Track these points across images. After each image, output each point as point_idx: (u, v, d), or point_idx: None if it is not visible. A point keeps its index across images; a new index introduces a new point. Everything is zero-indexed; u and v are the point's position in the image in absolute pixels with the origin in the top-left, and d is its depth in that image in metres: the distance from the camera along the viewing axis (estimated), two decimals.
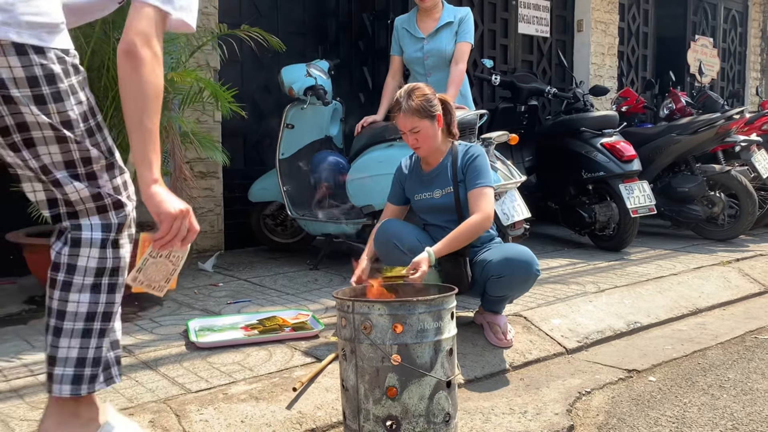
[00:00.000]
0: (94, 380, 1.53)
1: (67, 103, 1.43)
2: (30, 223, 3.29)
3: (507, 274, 2.49)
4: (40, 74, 1.38)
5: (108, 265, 1.53)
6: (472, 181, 2.59)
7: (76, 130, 1.45)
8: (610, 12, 6.79)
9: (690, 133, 4.88)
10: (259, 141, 4.81)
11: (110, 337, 1.57)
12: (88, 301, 1.51)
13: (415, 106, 2.52)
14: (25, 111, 1.38)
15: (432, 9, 3.74)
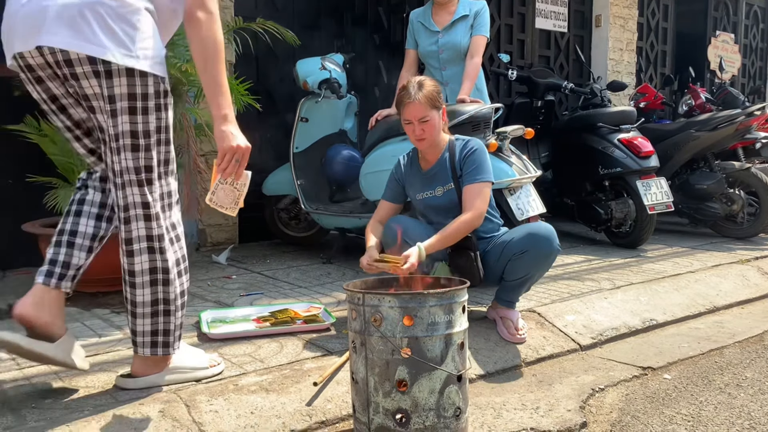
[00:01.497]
0: (168, 345, 1.98)
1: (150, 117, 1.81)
2: (46, 214, 3.31)
3: (531, 248, 2.47)
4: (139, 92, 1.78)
5: (158, 265, 1.90)
6: (469, 176, 2.56)
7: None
8: (629, 7, 6.71)
9: (709, 130, 4.81)
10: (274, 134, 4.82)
11: (177, 316, 1.98)
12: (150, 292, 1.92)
13: (428, 95, 2.50)
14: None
15: (447, 3, 3.70)
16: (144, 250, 1.88)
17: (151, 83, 1.79)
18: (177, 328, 1.99)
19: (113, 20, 1.73)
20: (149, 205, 1.86)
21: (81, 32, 1.71)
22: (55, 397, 1.94)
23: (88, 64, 1.74)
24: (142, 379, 1.99)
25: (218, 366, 2.16)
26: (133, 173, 1.85)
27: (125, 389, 1.99)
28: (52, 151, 3.14)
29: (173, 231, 1.95)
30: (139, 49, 1.75)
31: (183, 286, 2.00)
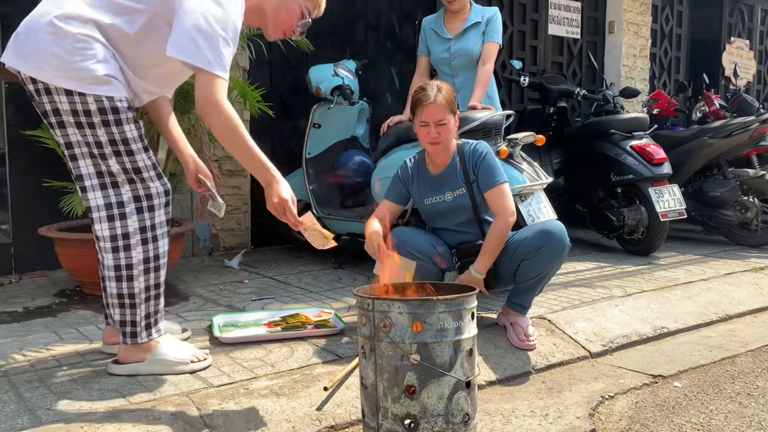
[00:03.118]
0: (135, 335, 2.14)
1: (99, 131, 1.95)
2: (62, 218, 3.36)
3: (546, 244, 2.48)
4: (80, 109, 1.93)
5: (122, 262, 2.05)
6: (487, 181, 2.57)
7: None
8: (642, 13, 6.69)
9: (723, 137, 4.79)
10: (286, 140, 4.85)
11: (141, 309, 2.11)
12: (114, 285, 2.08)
13: (447, 98, 2.52)
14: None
15: (460, 10, 3.72)
16: (109, 249, 2.05)
17: (91, 101, 1.92)
18: (142, 319, 2.13)
19: (53, 45, 1.89)
20: (118, 204, 2.03)
21: (24, 55, 1.93)
22: (70, 398, 1.97)
23: (31, 83, 1.95)
24: (125, 366, 2.16)
25: (202, 362, 2.24)
26: (95, 178, 2.02)
27: (111, 374, 2.16)
28: None
29: (151, 231, 2.08)
30: (73, 71, 1.89)
31: (150, 281, 2.11)
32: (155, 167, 2.08)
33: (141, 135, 2.04)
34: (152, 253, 2.10)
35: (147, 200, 2.07)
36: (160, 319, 2.21)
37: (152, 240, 2.09)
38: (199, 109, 1.95)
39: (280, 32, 2.24)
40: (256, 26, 2.25)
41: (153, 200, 2.08)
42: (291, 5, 2.18)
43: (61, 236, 3.19)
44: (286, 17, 2.20)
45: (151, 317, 2.16)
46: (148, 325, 2.16)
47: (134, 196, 2.05)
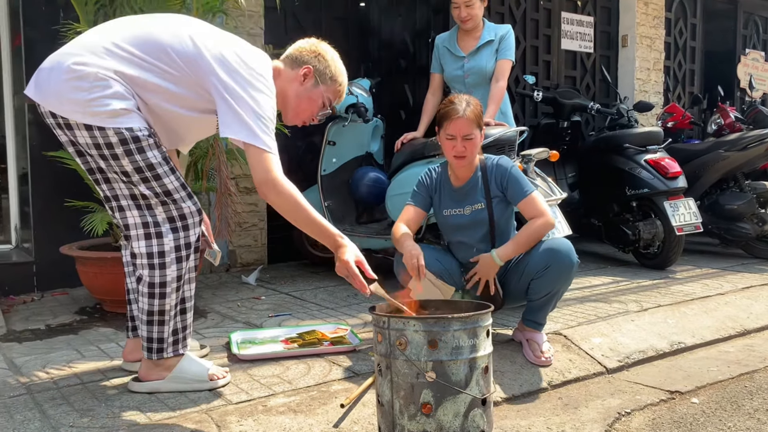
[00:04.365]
0: (161, 351, 2.19)
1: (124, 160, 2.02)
2: (83, 237, 3.42)
3: (552, 263, 2.49)
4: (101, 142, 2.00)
5: (156, 280, 2.11)
6: (518, 192, 2.59)
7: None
8: (655, 27, 6.70)
9: (739, 149, 4.77)
10: (302, 157, 4.91)
11: (170, 326, 2.16)
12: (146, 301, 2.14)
13: (476, 113, 2.55)
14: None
15: (473, 29, 3.76)
16: (146, 266, 2.10)
17: (111, 134, 1.97)
18: (170, 335, 2.18)
19: (73, 84, 1.96)
20: (155, 224, 2.09)
21: (45, 90, 2.00)
22: (92, 416, 2.01)
23: (51, 117, 2.02)
24: (146, 383, 2.20)
25: (221, 379, 2.27)
26: (129, 199, 2.10)
27: (132, 392, 2.19)
28: (89, 177, 3.25)
29: (185, 250, 2.13)
30: (92, 107, 1.95)
31: (181, 296, 2.18)
32: (185, 187, 2.13)
33: (165, 158, 2.08)
34: (185, 269, 2.15)
35: (181, 220, 2.12)
36: (188, 335, 2.25)
37: (186, 258, 2.14)
38: (259, 188, 2.03)
39: (299, 119, 2.33)
40: (278, 109, 2.26)
41: (187, 220, 2.13)
42: (313, 95, 2.26)
43: (82, 255, 3.25)
44: (308, 106, 2.28)
45: (178, 333, 2.21)
46: (176, 341, 2.21)
47: (168, 217, 2.10)
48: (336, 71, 2.28)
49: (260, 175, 2.00)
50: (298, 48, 2.29)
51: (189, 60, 2.04)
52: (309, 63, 2.23)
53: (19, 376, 2.35)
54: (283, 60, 2.28)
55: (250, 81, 2.04)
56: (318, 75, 2.24)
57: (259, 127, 2.00)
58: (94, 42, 2.03)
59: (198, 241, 2.19)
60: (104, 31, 2.10)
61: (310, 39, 2.33)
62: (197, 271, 2.25)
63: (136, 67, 2.01)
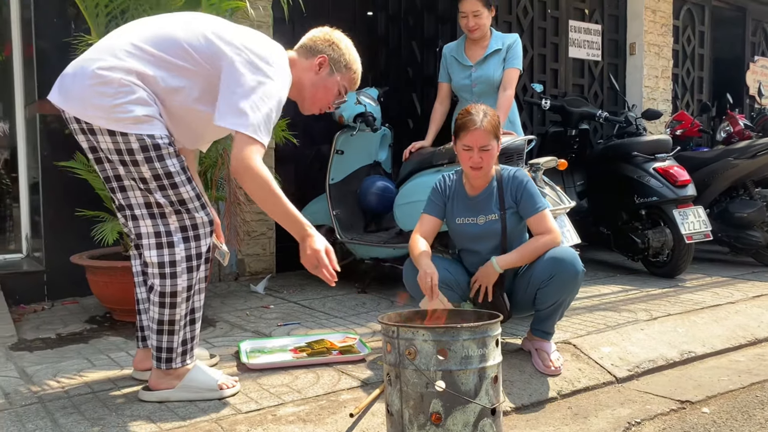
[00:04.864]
0: (170, 361, 2.19)
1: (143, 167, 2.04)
2: (93, 246, 3.45)
3: (557, 273, 2.48)
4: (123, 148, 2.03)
5: (167, 289, 2.12)
6: (530, 208, 2.59)
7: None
8: (663, 35, 6.69)
9: (748, 157, 4.75)
10: (310, 166, 4.93)
11: (180, 336, 2.17)
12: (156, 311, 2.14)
13: (493, 124, 2.55)
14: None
15: (481, 38, 3.77)
16: (157, 275, 2.11)
17: (133, 140, 2.00)
18: (179, 345, 2.19)
19: (97, 90, 1.99)
20: (167, 233, 2.11)
21: (70, 96, 2.03)
22: (103, 425, 2.01)
23: (75, 122, 2.06)
24: (156, 392, 2.21)
25: (231, 388, 2.28)
26: (144, 208, 2.12)
27: (143, 401, 2.20)
28: (99, 187, 3.28)
29: (196, 260, 2.15)
30: (115, 113, 1.98)
31: (191, 306, 2.20)
32: (199, 197, 2.15)
33: (183, 167, 2.11)
34: (195, 279, 2.17)
35: (193, 230, 2.14)
36: (195, 345, 2.26)
37: (196, 268, 2.16)
38: (235, 172, 2.01)
39: (315, 108, 2.35)
40: (294, 99, 2.31)
41: (198, 230, 2.15)
42: (329, 84, 2.28)
43: (92, 264, 3.27)
44: (324, 95, 2.30)
45: (187, 343, 2.22)
46: (184, 352, 2.22)
47: (181, 226, 2.12)
48: (350, 59, 2.31)
49: (238, 162, 1.99)
50: (311, 37, 2.31)
51: (205, 54, 2.06)
52: (323, 52, 2.25)
53: (30, 384, 2.37)
54: (297, 50, 2.30)
55: (260, 68, 2.03)
56: (333, 64, 2.26)
57: (254, 117, 1.98)
58: (115, 45, 2.06)
59: (209, 251, 2.21)
60: (123, 33, 2.13)
61: (323, 28, 2.34)
62: (207, 280, 2.26)
63: (156, 66, 2.04)
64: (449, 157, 3.55)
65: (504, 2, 5.55)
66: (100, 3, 3.12)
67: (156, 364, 2.20)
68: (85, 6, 3.14)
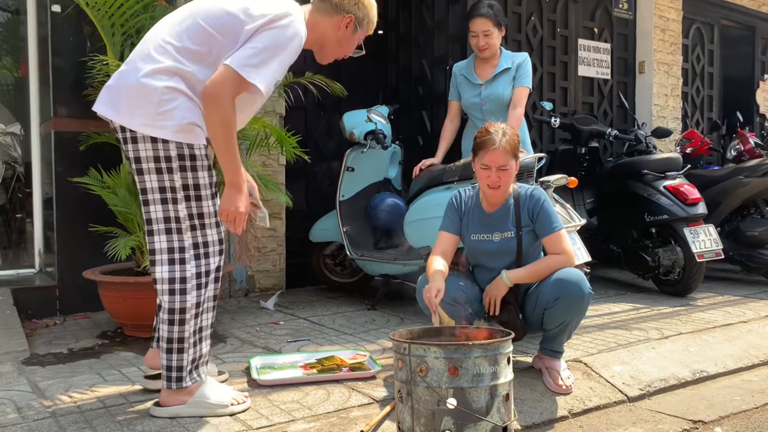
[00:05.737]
0: (180, 380, 2.20)
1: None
2: (105, 262, 3.47)
3: (562, 294, 2.48)
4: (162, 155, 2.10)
5: (176, 306, 2.15)
6: (546, 227, 2.60)
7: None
8: (672, 53, 6.71)
9: (759, 176, 4.74)
10: (320, 182, 4.96)
11: (189, 354, 2.18)
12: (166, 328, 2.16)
13: (512, 144, 2.56)
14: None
15: (491, 57, 3.80)
16: (166, 291, 2.15)
17: (172, 147, 2.08)
18: (189, 364, 2.20)
19: (142, 99, 2.07)
20: (180, 250, 2.15)
21: (116, 106, 2.11)
22: None
23: (120, 132, 2.14)
24: (167, 408, 2.22)
25: (242, 404, 2.29)
26: (162, 223, 2.15)
27: (153, 416, 2.21)
28: (113, 203, 3.32)
29: (205, 277, 2.19)
30: (159, 120, 2.07)
31: (200, 324, 2.22)
32: (216, 215, 2.20)
33: (212, 183, 2.18)
34: (204, 297, 2.20)
35: (204, 247, 2.18)
36: (204, 363, 2.27)
37: (205, 285, 2.19)
38: (203, 94, 2.05)
39: (333, 59, 2.45)
40: (312, 49, 2.38)
41: (209, 247, 2.19)
42: (353, 40, 2.40)
43: (105, 279, 3.30)
44: (347, 49, 2.42)
45: (196, 361, 2.23)
46: (193, 369, 2.23)
47: (194, 243, 2.17)
48: (372, 16, 2.41)
49: (209, 87, 2.03)
50: None
51: (225, 30, 2.10)
52: (350, 12, 2.34)
53: (42, 399, 2.38)
54: (318, 6, 2.34)
55: (270, 29, 2.08)
56: (357, 22, 2.36)
57: (243, 54, 2.04)
58: (148, 49, 2.13)
59: (219, 270, 2.24)
60: (156, 32, 2.18)
61: None
62: (216, 299, 2.28)
63: (189, 60, 2.09)
64: (459, 175, 3.57)
65: (514, 21, 5.59)
66: (116, 23, 3.18)
67: (166, 384, 2.21)
68: (101, 25, 3.19)
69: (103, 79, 3.37)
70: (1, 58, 5.30)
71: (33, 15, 4.14)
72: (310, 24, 2.26)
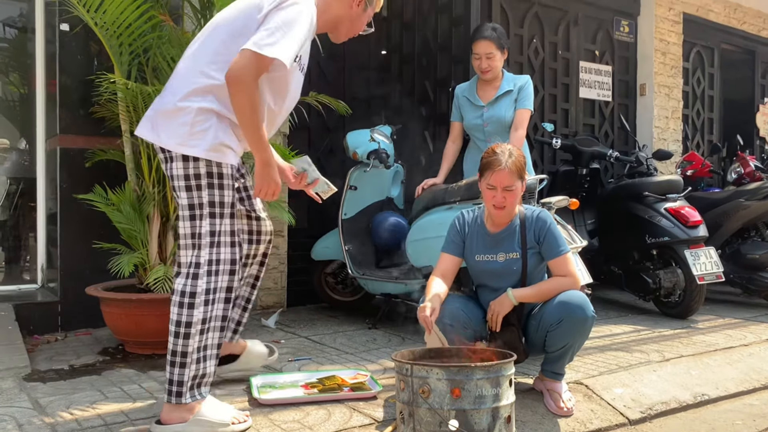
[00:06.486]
0: (180, 395, 2.22)
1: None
2: (108, 278, 3.48)
3: (565, 317, 2.49)
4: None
5: (183, 319, 2.20)
6: (553, 250, 2.62)
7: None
8: (673, 76, 6.77)
9: (759, 199, 4.76)
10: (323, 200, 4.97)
11: (191, 370, 2.20)
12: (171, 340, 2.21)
13: (518, 165, 2.58)
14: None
15: (493, 79, 3.84)
16: (176, 303, 2.22)
17: (202, 165, 2.20)
18: (190, 380, 2.22)
19: (179, 120, 2.19)
20: (196, 265, 2.22)
21: (156, 128, 2.25)
22: None
23: (160, 152, 2.27)
24: (168, 426, 2.22)
25: (242, 423, 2.30)
26: (189, 238, 2.24)
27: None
28: (117, 219, 3.34)
29: (213, 294, 2.24)
30: (193, 140, 2.18)
31: (205, 342, 2.25)
32: (234, 234, 2.28)
33: (233, 203, 2.28)
34: (212, 314, 2.24)
35: (217, 264, 2.24)
36: (207, 382, 2.28)
37: (212, 302, 2.24)
38: (228, 78, 2.10)
39: (347, 38, 2.55)
40: (327, 31, 2.49)
41: (221, 265, 2.25)
42: (363, 17, 2.50)
43: (107, 296, 3.30)
44: (359, 27, 2.53)
45: (198, 378, 2.24)
46: (194, 386, 2.24)
47: (209, 259, 2.23)
48: None
49: (232, 71, 2.08)
50: None
51: (244, 29, 2.17)
52: None
53: (44, 416, 2.38)
54: None
55: (275, 8, 2.17)
56: (368, 1, 2.47)
57: (259, 36, 2.10)
58: (181, 71, 2.27)
59: (230, 291, 2.28)
60: (186, 54, 2.32)
61: None
62: (226, 320, 2.32)
63: (217, 71, 2.18)
64: (461, 195, 3.59)
65: (515, 43, 5.65)
66: (124, 42, 3.21)
67: (167, 398, 2.22)
68: (109, 45, 3.23)
69: (110, 97, 3.41)
70: (8, 74, 5.35)
71: (41, 32, 4.19)
72: (322, 7, 2.37)
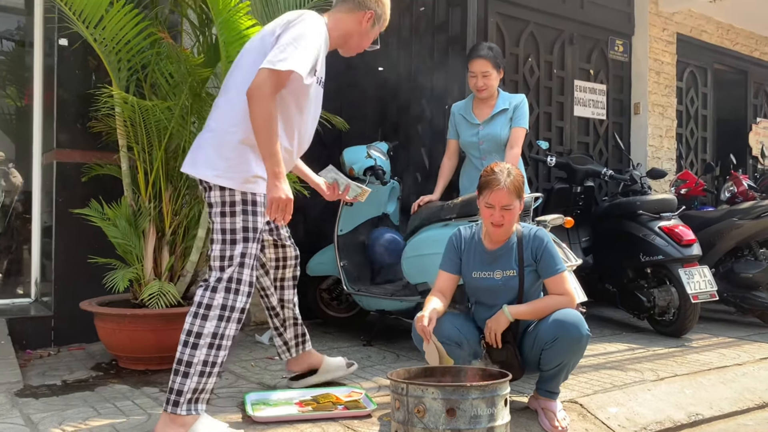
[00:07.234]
0: (177, 405, 2.27)
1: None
2: (102, 293, 3.47)
3: (561, 335, 2.49)
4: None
5: (194, 329, 2.30)
6: (549, 269, 2.63)
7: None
8: (667, 95, 6.83)
9: (753, 218, 4.79)
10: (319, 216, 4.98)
11: (192, 381, 2.26)
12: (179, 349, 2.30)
13: (516, 185, 2.60)
14: None
15: (488, 97, 3.88)
16: (192, 312, 2.32)
17: (237, 194, 2.34)
18: (189, 391, 2.27)
19: (212, 153, 2.36)
20: (218, 280, 2.34)
21: (195, 162, 2.41)
22: None
23: (200, 183, 2.42)
24: None
25: None
26: (218, 260, 2.35)
27: None
28: (113, 234, 3.33)
29: (229, 311, 2.32)
30: (226, 172, 2.33)
31: (211, 358, 2.31)
32: (256, 258, 2.40)
33: (261, 229, 2.41)
34: (221, 330, 2.32)
35: (237, 283, 2.35)
36: (204, 399, 2.30)
37: (227, 320, 2.32)
38: (248, 95, 2.21)
39: (355, 53, 2.68)
40: (337, 46, 2.61)
41: (241, 285, 2.35)
42: (371, 34, 2.63)
43: (101, 310, 3.29)
44: (366, 43, 2.65)
45: (197, 393, 2.28)
46: (192, 400, 2.26)
47: (229, 277, 2.34)
48: (388, 13, 2.65)
49: (251, 88, 2.19)
50: None
51: (265, 53, 2.26)
52: (371, 8, 2.57)
53: None
54: (341, 6, 2.57)
55: (292, 32, 2.29)
56: (376, 18, 2.59)
57: (273, 54, 2.22)
58: (217, 103, 2.44)
59: (243, 312, 2.37)
60: (223, 87, 2.48)
61: None
62: (232, 340, 2.38)
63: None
64: (457, 212, 3.60)
65: (511, 62, 5.70)
66: (122, 58, 3.23)
67: (164, 406, 2.27)
68: (108, 60, 3.25)
69: (108, 112, 3.42)
70: (5, 88, 5.36)
71: (39, 46, 4.21)
72: (332, 25, 2.51)
